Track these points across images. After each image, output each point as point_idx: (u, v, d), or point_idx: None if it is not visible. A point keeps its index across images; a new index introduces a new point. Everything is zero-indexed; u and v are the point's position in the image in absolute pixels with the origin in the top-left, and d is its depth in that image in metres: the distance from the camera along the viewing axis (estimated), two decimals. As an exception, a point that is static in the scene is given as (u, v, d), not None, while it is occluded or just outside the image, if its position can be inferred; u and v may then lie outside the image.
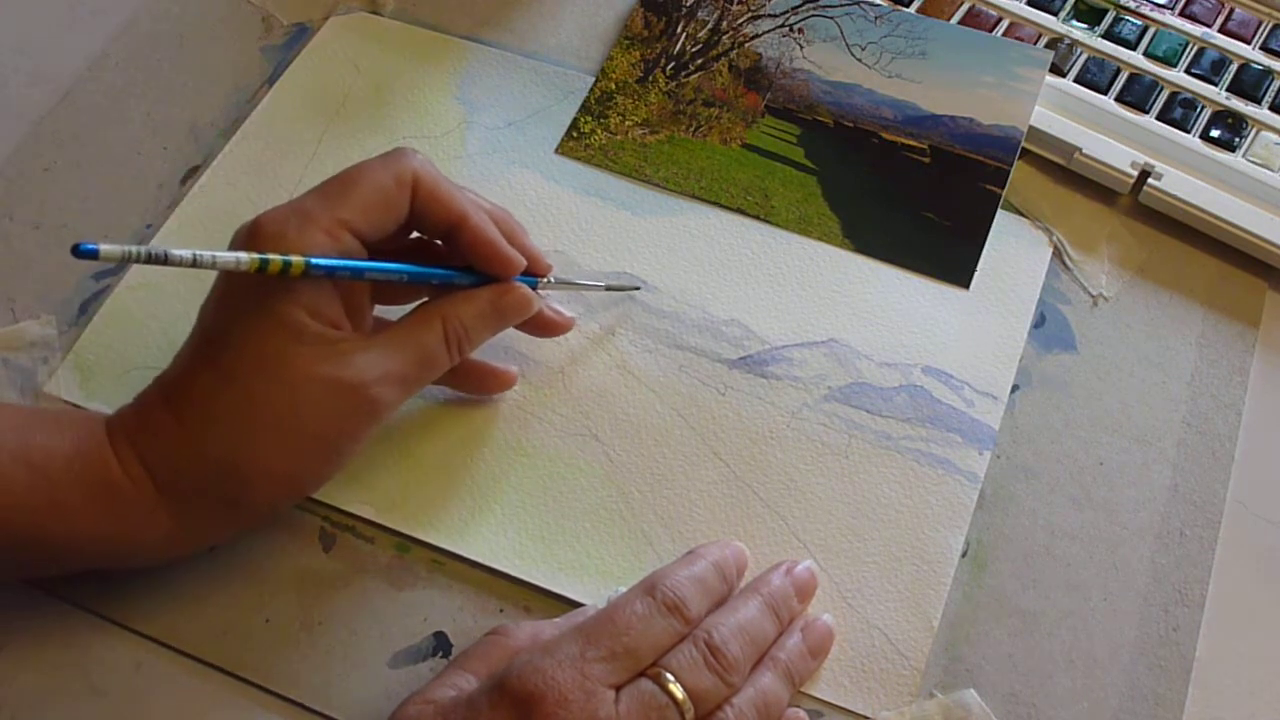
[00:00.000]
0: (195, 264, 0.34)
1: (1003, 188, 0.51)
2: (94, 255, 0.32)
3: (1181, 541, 0.44)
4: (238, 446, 0.37)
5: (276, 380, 0.37)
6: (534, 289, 0.43)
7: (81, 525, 0.37)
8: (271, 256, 0.36)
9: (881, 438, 0.45)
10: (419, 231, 0.42)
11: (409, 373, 0.39)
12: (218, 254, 0.35)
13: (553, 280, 0.44)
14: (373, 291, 0.41)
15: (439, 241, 0.42)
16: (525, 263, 0.42)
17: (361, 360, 0.38)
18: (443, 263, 0.42)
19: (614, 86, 0.55)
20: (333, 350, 0.38)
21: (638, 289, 0.49)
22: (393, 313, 0.42)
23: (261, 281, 0.37)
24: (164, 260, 0.34)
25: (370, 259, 0.39)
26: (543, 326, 0.45)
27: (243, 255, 0.35)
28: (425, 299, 0.42)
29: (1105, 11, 0.56)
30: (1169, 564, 0.43)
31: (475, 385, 0.46)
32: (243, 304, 0.38)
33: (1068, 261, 0.50)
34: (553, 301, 0.46)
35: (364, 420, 0.39)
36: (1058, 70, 0.54)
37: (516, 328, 0.43)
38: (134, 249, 0.33)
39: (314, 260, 0.37)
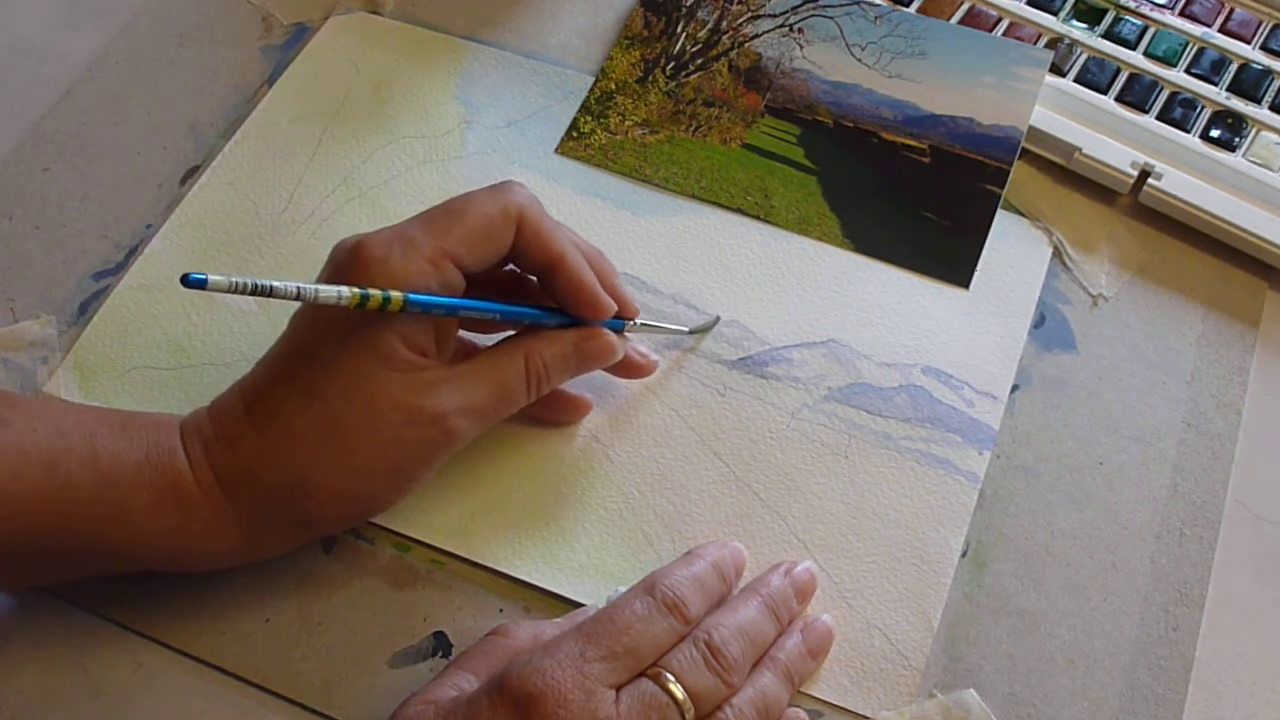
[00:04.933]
0: (299, 297, 0.34)
1: (1002, 188, 0.51)
2: (202, 285, 0.32)
3: (1181, 541, 0.44)
4: (316, 466, 0.37)
5: (363, 404, 0.37)
6: (620, 332, 0.43)
7: (147, 532, 0.37)
8: (372, 292, 0.36)
9: (881, 438, 0.45)
10: (515, 266, 0.42)
11: (487, 406, 0.39)
12: (320, 288, 0.35)
13: (637, 324, 0.44)
14: (460, 320, 0.41)
15: (533, 277, 0.42)
16: (615, 308, 0.42)
17: (444, 390, 0.38)
18: (531, 297, 0.42)
19: (614, 86, 0.55)
20: (419, 379, 0.38)
21: (718, 319, 0.48)
22: (477, 338, 0.43)
23: None
24: (269, 293, 0.33)
25: (466, 290, 0.39)
26: (626, 369, 0.45)
27: (344, 290, 0.35)
28: (510, 332, 0.42)
29: (1105, 11, 0.56)
30: (1169, 564, 0.43)
31: (552, 414, 0.45)
32: (338, 324, 0.38)
33: (1068, 261, 0.50)
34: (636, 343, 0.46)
35: (439, 449, 0.39)
36: (1058, 70, 0.54)
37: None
38: (239, 280, 0.33)
39: (413, 297, 0.37)
